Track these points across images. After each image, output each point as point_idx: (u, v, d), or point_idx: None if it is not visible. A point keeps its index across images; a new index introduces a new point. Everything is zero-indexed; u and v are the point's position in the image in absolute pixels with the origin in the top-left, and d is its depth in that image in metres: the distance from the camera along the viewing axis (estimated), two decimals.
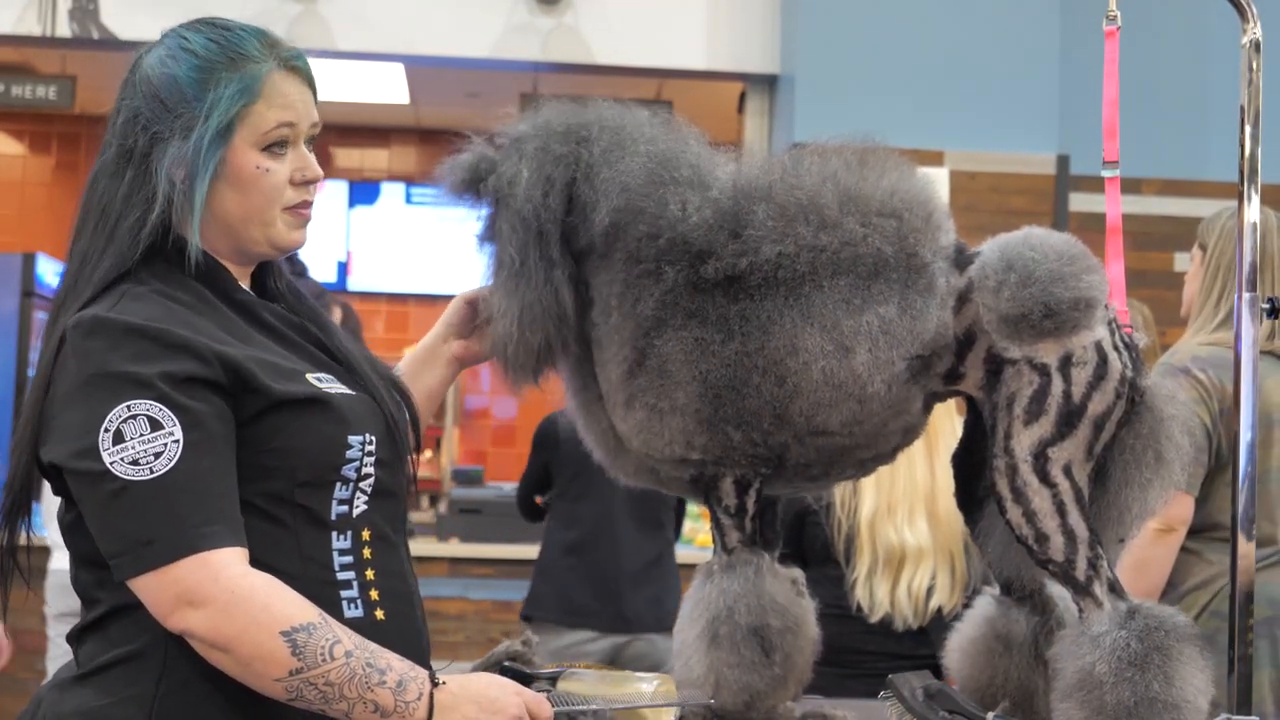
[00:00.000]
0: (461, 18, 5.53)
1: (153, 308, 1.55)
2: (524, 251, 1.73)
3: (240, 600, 1.47)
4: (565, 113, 1.79)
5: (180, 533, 1.47)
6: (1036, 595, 1.81)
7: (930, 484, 2.86)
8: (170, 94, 1.60)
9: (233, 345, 1.55)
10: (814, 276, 1.68)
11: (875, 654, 2.82)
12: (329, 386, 1.60)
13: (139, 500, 1.48)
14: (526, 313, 1.72)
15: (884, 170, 1.73)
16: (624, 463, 1.83)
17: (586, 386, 1.81)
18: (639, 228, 1.72)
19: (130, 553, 1.49)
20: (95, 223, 1.61)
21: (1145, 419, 1.68)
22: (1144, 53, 5.13)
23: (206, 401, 1.51)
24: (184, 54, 1.62)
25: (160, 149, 1.60)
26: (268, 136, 1.61)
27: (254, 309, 1.64)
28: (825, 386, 1.68)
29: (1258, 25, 1.91)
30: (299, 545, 1.56)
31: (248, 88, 1.61)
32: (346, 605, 1.56)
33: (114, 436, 1.48)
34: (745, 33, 5.63)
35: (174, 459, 1.48)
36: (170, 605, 1.48)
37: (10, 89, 6.65)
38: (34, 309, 6.74)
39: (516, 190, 1.73)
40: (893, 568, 2.84)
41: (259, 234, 1.64)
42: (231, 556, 1.49)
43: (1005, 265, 1.65)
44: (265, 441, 1.55)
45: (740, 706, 1.77)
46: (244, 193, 1.62)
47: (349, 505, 1.59)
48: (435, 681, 1.51)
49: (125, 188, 1.60)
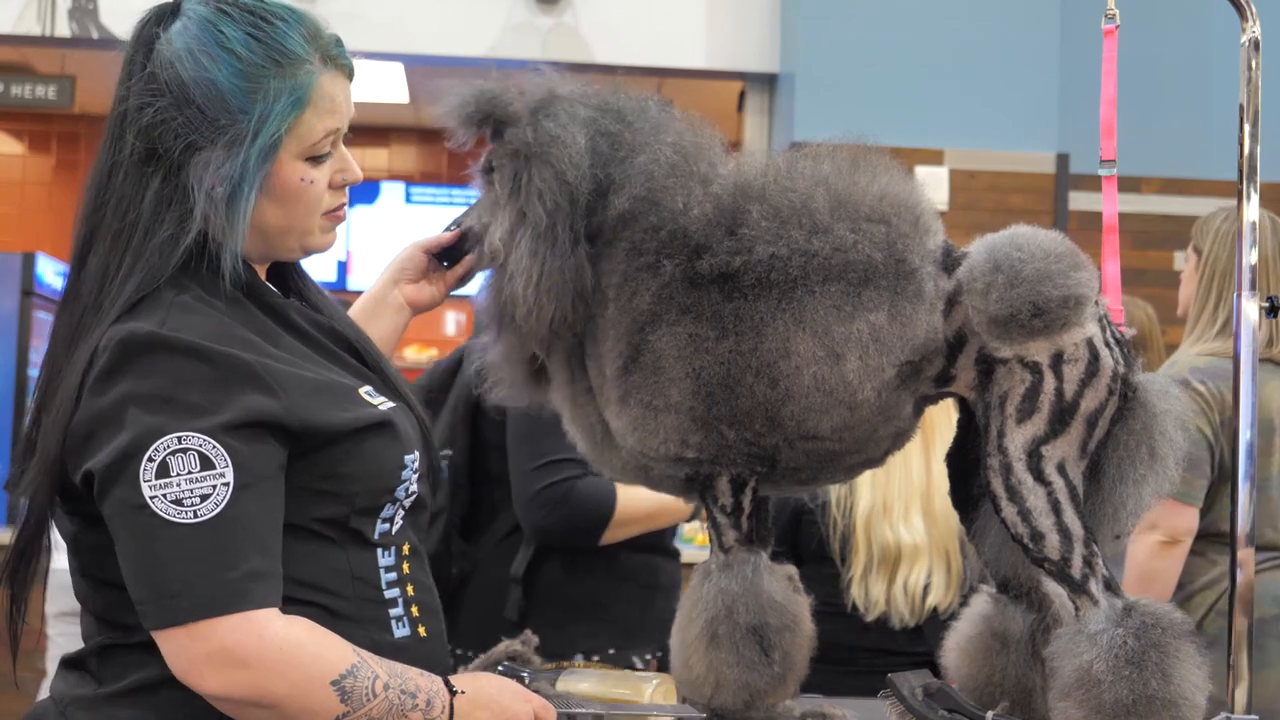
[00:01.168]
0: (461, 17, 5.52)
1: (207, 322, 1.44)
2: (554, 214, 1.68)
3: (289, 657, 1.38)
4: (608, 90, 1.76)
5: (221, 588, 1.37)
6: (1033, 593, 1.81)
7: (926, 481, 2.86)
8: (209, 101, 1.46)
9: (288, 362, 1.46)
10: (806, 281, 1.68)
11: (871, 651, 2.82)
12: (380, 402, 1.52)
13: (178, 545, 1.37)
14: (546, 279, 1.67)
15: (875, 174, 1.72)
16: (611, 458, 1.81)
17: (575, 379, 1.79)
18: (649, 218, 1.70)
19: (161, 602, 1.38)
20: (116, 231, 1.47)
21: (1139, 415, 1.67)
22: (1143, 52, 5.13)
23: (262, 441, 1.40)
24: (222, 54, 1.47)
25: (196, 159, 1.47)
26: (315, 147, 1.51)
27: (285, 313, 1.55)
28: (816, 392, 1.68)
29: (1257, 24, 1.91)
30: (350, 567, 1.49)
31: (299, 99, 1.48)
32: (395, 624, 1.51)
33: (159, 468, 1.36)
34: (745, 32, 5.63)
35: (221, 504, 1.37)
36: (202, 663, 1.38)
37: (10, 89, 6.65)
38: (34, 308, 6.74)
39: (563, 152, 1.68)
40: (888, 566, 2.84)
41: (295, 243, 1.56)
42: (272, 612, 1.39)
43: (992, 266, 1.65)
44: (328, 469, 1.46)
45: (740, 706, 1.77)
46: (286, 205, 1.52)
47: (390, 523, 1.53)
48: (453, 690, 1.48)
49: (153, 198, 1.46)
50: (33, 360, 6.75)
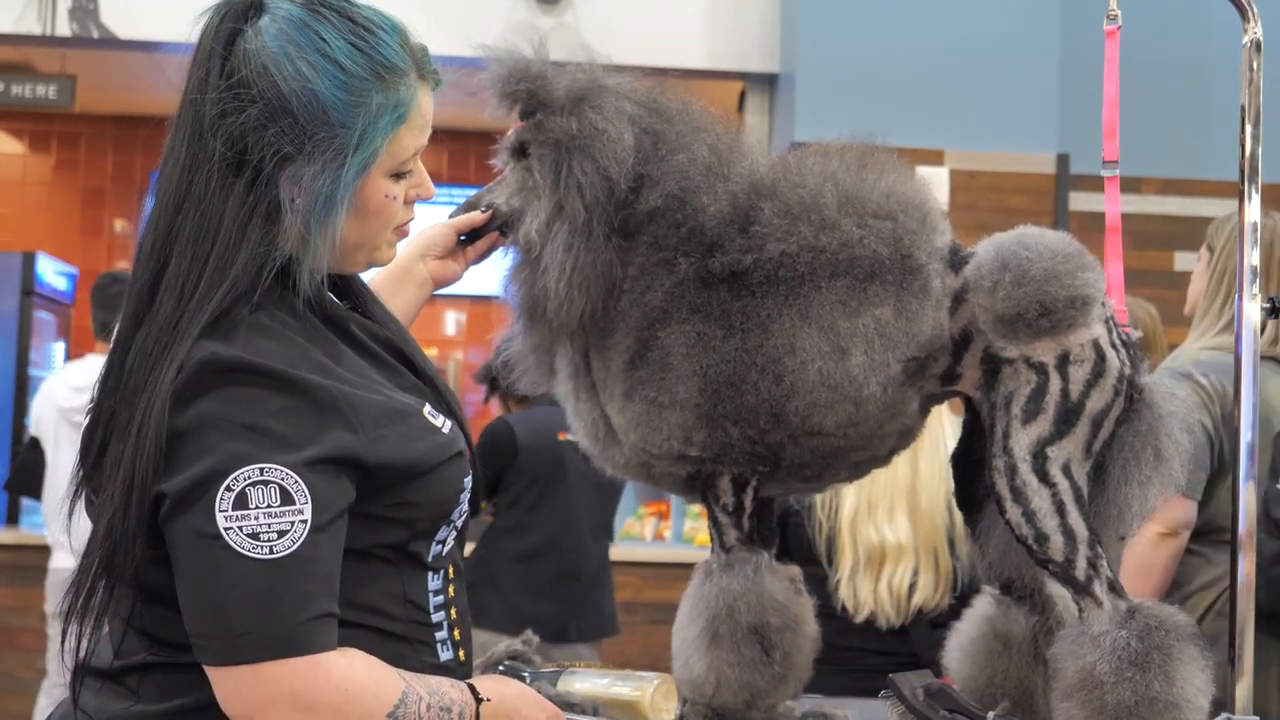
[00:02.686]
0: (461, 18, 5.53)
1: (284, 346, 1.37)
2: (592, 209, 1.67)
3: (354, 697, 1.34)
4: (655, 86, 1.76)
5: (289, 629, 1.31)
6: (1036, 594, 1.81)
7: (911, 480, 2.85)
8: (308, 112, 1.38)
9: (356, 385, 1.40)
10: (813, 277, 1.68)
11: (859, 650, 2.82)
12: (441, 423, 1.47)
13: (249, 581, 1.30)
14: (580, 273, 1.67)
15: (882, 172, 1.72)
16: (613, 454, 1.81)
17: (578, 372, 1.79)
18: (675, 215, 1.70)
19: (226, 639, 1.31)
20: (197, 241, 1.38)
21: (1144, 416, 1.68)
22: (1144, 52, 5.13)
23: (338, 477, 1.35)
24: (325, 63, 1.39)
25: (287, 172, 1.39)
26: (404, 165, 1.46)
27: (348, 327, 1.48)
28: (821, 387, 1.68)
29: (1258, 25, 1.91)
30: (404, 589, 1.45)
31: (400, 116, 1.43)
32: (440, 648, 1.49)
33: (236, 499, 1.30)
34: (745, 32, 5.64)
35: (298, 541, 1.31)
36: (266, 705, 1.32)
37: (10, 88, 6.65)
38: (34, 308, 6.74)
39: (608, 146, 1.67)
40: (874, 566, 2.84)
41: (363, 257, 1.50)
42: (336, 654, 1.35)
43: (1000, 265, 1.65)
44: (398, 498, 1.41)
45: (741, 705, 1.77)
46: (366, 221, 1.46)
47: (444, 544, 1.49)
48: (479, 698, 1.46)
49: (237, 208, 1.38)
50: (33, 359, 6.75)
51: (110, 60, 6.52)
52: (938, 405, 1.81)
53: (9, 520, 6.16)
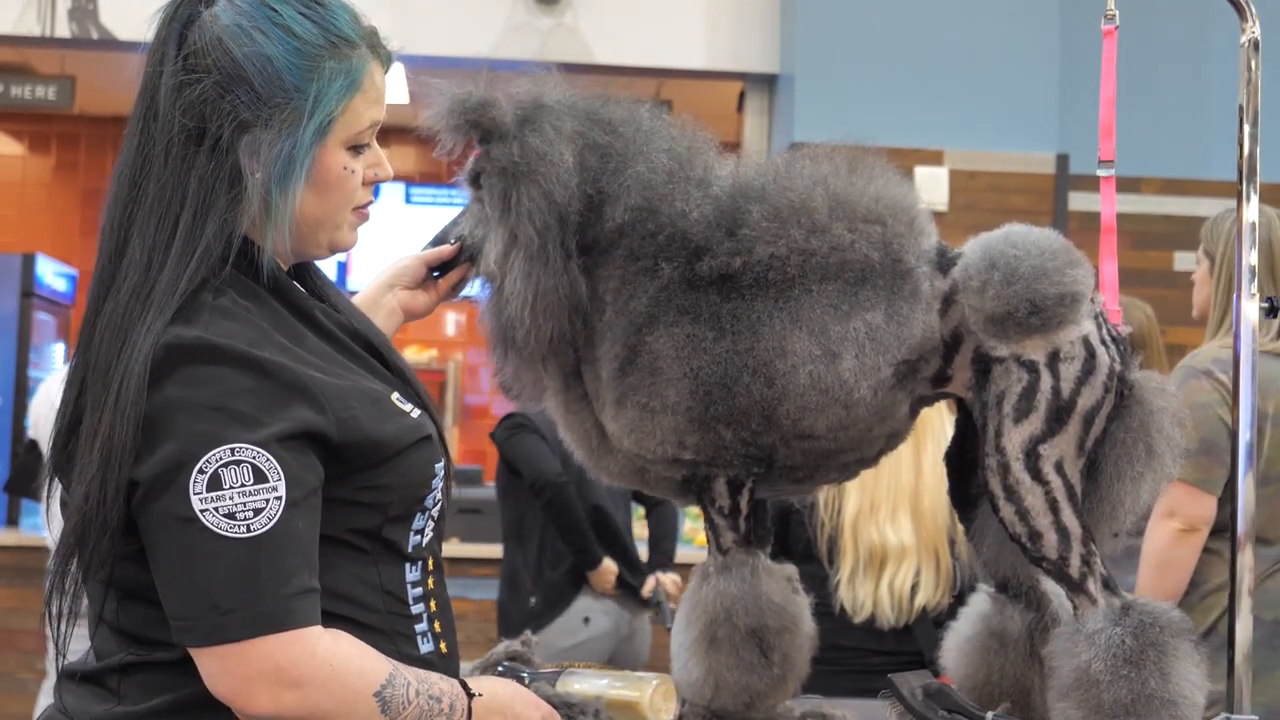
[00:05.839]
0: (461, 18, 5.53)
1: (248, 329, 1.38)
2: (545, 234, 1.67)
3: (339, 673, 1.35)
4: (596, 99, 1.75)
5: (275, 605, 1.32)
6: (1031, 592, 1.81)
7: (915, 481, 2.85)
8: (263, 78, 1.40)
9: (320, 369, 1.40)
10: (803, 280, 1.68)
11: (858, 650, 2.82)
12: (410, 409, 1.48)
13: (228, 561, 1.31)
14: (542, 299, 1.67)
15: (871, 176, 1.73)
16: (608, 463, 1.81)
17: (569, 385, 1.79)
18: (647, 225, 1.70)
19: (209, 619, 1.32)
20: (160, 214, 1.39)
21: (1135, 412, 1.67)
22: (1143, 52, 5.14)
23: (307, 454, 1.36)
24: (277, 30, 1.42)
25: (245, 140, 1.41)
26: (360, 136, 1.47)
27: (312, 313, 1.49)
28: (812, 391, 1.68)
29: (1256, 24, 1.91)
30: (380, 579, 1.46)
31: (353, 82, 1.44)
32: (420, 640, 1.49)
33: (210, 480, 1.31)
34: (745, 32, 5.63)
35: (274, 518, 1.32)
36: (254, 683, 1.32)
37: (10, 89, 6.66)
38: (33, 309, 6.75)
39: (550, 170, 1.67)
40: (875, 567, 2.84)
41: (325, 238, 1.50)
42: (319, 629, 1.36)
43: (988, 264, 1.65)
44: (367, 480, 1.42)
45: (740, 708, 1.77)
46: (324, 195, 1.47)
47: (422, 535, 1.49)
48: (470, 693, 1.47)
49: (200, 178, 1.39)
50: (32, 360, 6.75)
51: (110, 61, 6.51)
52: (928, 407, 1.81)
53: (9, 521, 6.17)
